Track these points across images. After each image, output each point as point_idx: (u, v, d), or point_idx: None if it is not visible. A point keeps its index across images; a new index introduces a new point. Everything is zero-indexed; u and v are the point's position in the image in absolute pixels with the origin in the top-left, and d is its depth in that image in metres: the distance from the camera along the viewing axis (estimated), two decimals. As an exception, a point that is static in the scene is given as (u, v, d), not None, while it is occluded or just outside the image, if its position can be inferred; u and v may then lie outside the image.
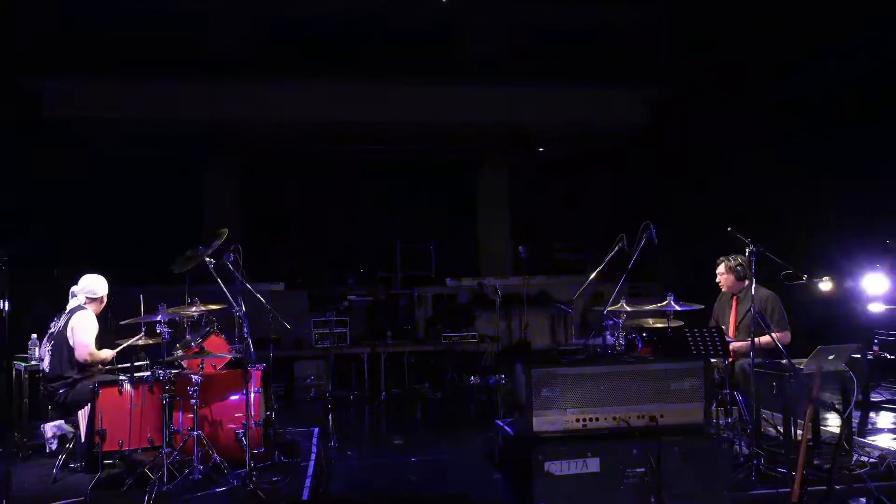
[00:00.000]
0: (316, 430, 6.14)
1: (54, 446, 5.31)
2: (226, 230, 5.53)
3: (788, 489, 3.36)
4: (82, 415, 4.72)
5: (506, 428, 5.92)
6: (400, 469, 5.52)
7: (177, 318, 5.00)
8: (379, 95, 11.66)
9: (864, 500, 3.54)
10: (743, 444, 4.34)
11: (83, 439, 4.66)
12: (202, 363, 4.74)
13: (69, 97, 10.44)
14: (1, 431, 5.27)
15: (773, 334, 4.37)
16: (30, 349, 5.44)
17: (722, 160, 10.97)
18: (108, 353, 5.00)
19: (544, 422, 2.79)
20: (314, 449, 5.42)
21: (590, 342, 5.23)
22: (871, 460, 4.17)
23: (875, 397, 6.87)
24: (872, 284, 7.29)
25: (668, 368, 2.87)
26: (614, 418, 2.83)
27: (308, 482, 4.58)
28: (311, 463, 5.02)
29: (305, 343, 9.39)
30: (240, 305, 4.78)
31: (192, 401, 4.48)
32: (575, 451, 2.69)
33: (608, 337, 5.34)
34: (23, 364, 5.43)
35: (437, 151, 13.77)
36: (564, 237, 14.49)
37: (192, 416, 4.57)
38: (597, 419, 2.82)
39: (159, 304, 4.62)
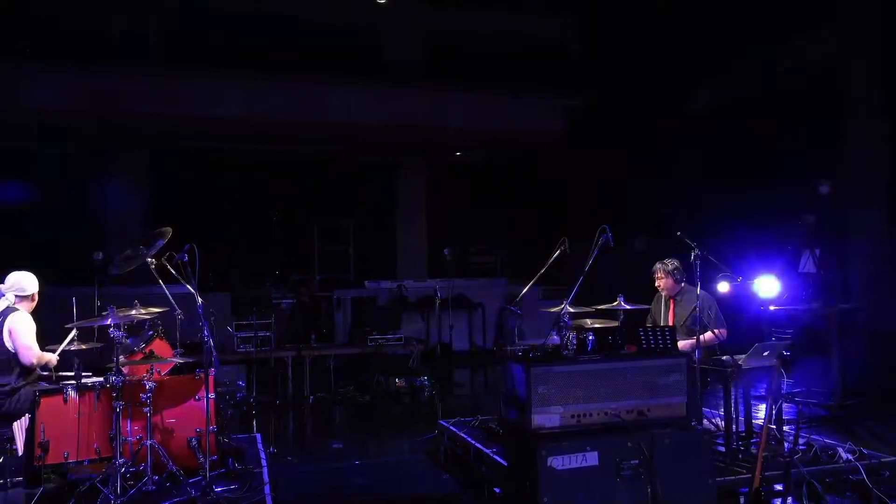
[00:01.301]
0: (258, 436, 5.99)
1: (-27, 462, 4.88)
2: (169, 229, 5.31)
3: (745, 476, 3.66)
4: (18, 426, 4.38)
5: (451, 428, 6.04)
6: (347, 473, 5.52)
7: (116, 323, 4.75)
8: (297, 94, 11.52)
9: (805, 485, 3.86)
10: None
11: (20, 452, 4.33)
12: (151, 368, 4.53)
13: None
14: None
15: (718, 331, 4.74)
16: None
17: (630, 167, 11.59)
18: (52, 357, 4.67)
19: (542, 418, 2.90)
20: (262, 455, 5.28)
21: (548, 342, 5.39)
22: (801, 447, 4.57)
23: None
24: (764, 287, 7.82)
25: (656, 364, 3.05)
26: (606, 413, 2.98)
27: (267, 489, 4.48)
28: (265, 469, 4.90)
29: (227, 347, 9.10)
30: (200, 306, 4.59)
31: (146, 408, 4.27)
32: (575, 446, 2.82)
33: (554, 337, 5.52)
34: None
35: (355, 153, 13.74)
36: (479, 240, 14.81)
37: (142, 424, 4.35)
38: (590, 414, 2.97)
39: (109, 307, 4.38)
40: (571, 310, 5.75)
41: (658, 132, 11.19)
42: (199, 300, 4.55)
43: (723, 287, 5.78)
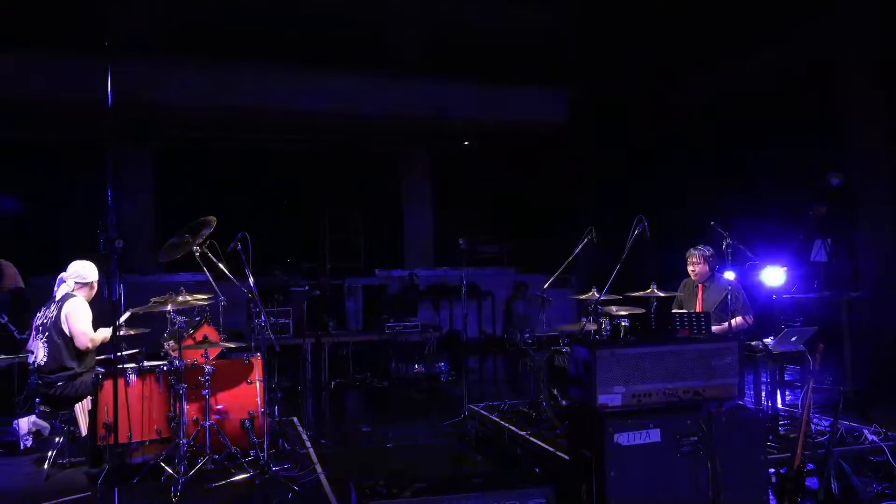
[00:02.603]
0: (294, 418, 6.17)
1: (29, 443, 5.04)
2: (214, 218, 5.45)
3: (777, 457, 3.86)
4: (80, 408, 4.54)
5: (482, 412, 6.24)
6: (382, 455, 5.70)
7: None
8: (303, 84, 11.60)
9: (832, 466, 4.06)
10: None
11: (84, 433, 4.49)
12: (206, 353, 4.69)
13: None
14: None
15: (746, 318, 4.97)
16: (-3, 340, 5.14)
17: (633, 158, 11.78)
18: (104, 333, 4.81)
19: (606, 398, 3.09)
20: (304, 436, 5.46)
21: (581, 329, 5.59)
22: (827, 429, 4.79)
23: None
24: (770, 276, 7.97)
25: (710, 347, 3.25)
26: (665, 393, 3.17)
27: (319, 469, 4.66)
28: (311, 450, 5.08)
29: (246, 334, 9.25)
30: (255, 292, 4.73)
31: (204, 391, 4.44)
32: (640, 424, 3.01)
33: (587, 323, 5.72)
34: (-6, 356, 5.12)
35: (362, 143, 13.84)
36: (485, 230, 14.98)
37: (198, 406, 4.52)
38: (650, 394, 3.16)
39: (169, 293, 4.53)
40: (597, 296, 5.97)
41: (660, 124, 11.37)
42: (254, 287, 4.69)
43: (728, 276, 5.99)
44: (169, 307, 4.46)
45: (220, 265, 5.51)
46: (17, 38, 9.61)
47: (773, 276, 7.78)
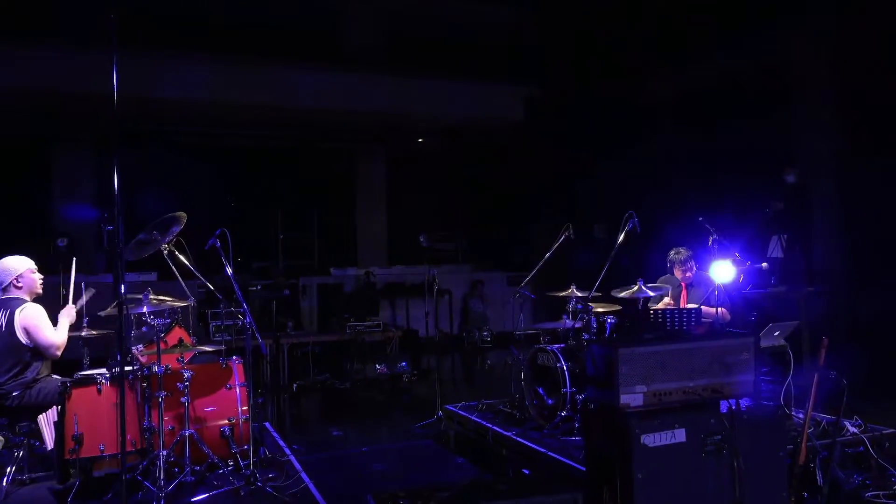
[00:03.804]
0: (267, 424, 5.90)
1: (-20, 458, 4.62)
2: (184, 214, 5.14)
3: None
4: (44, 420, 4.17)
5: (460, 412, 6.12)
6: (360, 460, 5.51)
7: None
8: (258, 78, 11.23)
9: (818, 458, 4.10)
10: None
11: (50, 446, 4.12)
12: (182, 357, 4.40)
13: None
14: None
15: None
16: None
17: (591, 156, 11.88)
18: (63, 334, 4.41)
19: (627, 398, 3.01)
20: (282, 443, 5.22)
21: (562, 326, 5.53)
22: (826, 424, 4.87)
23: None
24: (719, 272, 8.07)
25: (728, 344, 3.21)
26: (685, 391, 3.12)
27: (304, 476, 4.43)
28: (292, 457, 4.84)
29: (201, 337, 8.87)
30: (239, 293, 4.46)
31: (183, 398, 4.15)
32: (665, 423, 2.95)
33: (567, 321, 5.67)
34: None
35: (315, 139, 13.52)
36: (439, 227, 14.88)
37: (174, 413, 4.23)
38: (670, 393, 3.10)
39: (144, 293, 4.21)
40: (579, 294, 5.93)
41: (614, 121, 11.49)
42: (237, 287, 4.43)
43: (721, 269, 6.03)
44: (144, 308, 4.14)
45: (189, 264, 5.22)
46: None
47: (723, 271, 7.81)
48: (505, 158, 13.80)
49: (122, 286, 2.82)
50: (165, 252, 5.00)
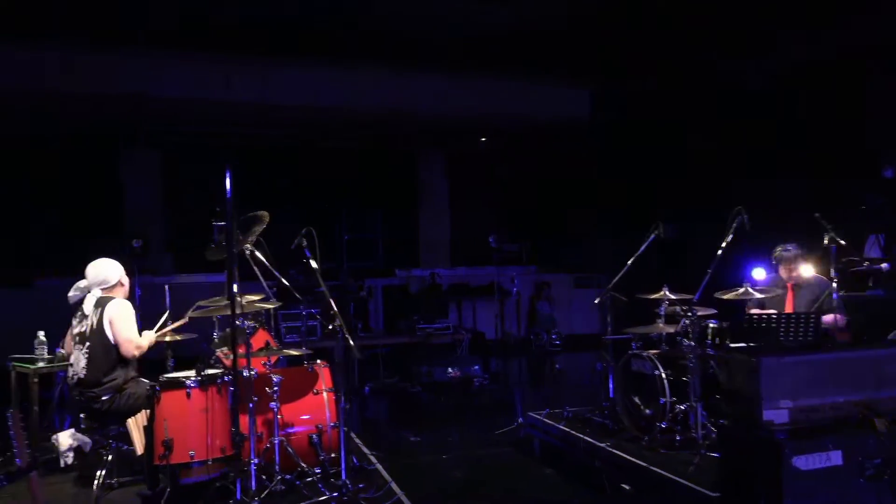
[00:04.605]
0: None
1: (69, 460, 4.57)
2: (266, 214, 5.02)
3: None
4: (134, 424, 4.07)
5: (546, 420, 5.84)
6: (441, 468, 5.31)
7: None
8: (318, 81, 11.14)
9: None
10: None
11: (139, 451, 4.02)
12: (269, 361, 4.25)
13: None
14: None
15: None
16: (36, 349, 4.64)
17: (656, 152, 11.42)
18: (149, 338, 4.34)
19: (771, 413, 2.69)
20: (366, 450, 5.03)
21: (656, 332, 5.20)
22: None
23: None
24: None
25: (885, 354, 2.87)
26: (834, 407, 2.78)
27: (396, 487, 4.23)
28: (378, 466, 4.65)
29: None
30: (324, 290, 4.28)
31: (272, 403, 4.00)
32: (820, 444, 2.62)
33: (661, 325, 5.33)
34: (29, 367, 4.62)
35: (377, 141, 13.41)
36: (502, 228, 14.58)
37: (265, 419, 4.08)
38: (817, 409, 2.77)
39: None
40: (672, 296, 5.57)
41: (685, 117, 10.98)
42: (325, 288, 4.26)
43: (758, 274, 5.60)
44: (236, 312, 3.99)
45: (268, 264, 5.10)
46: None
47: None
48: (570, 157, 13.42)
49: (235, 285, 2.66)
50: (248, 253, 4.88)
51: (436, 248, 14.22)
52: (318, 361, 4.66)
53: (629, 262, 5.82)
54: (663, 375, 4.85)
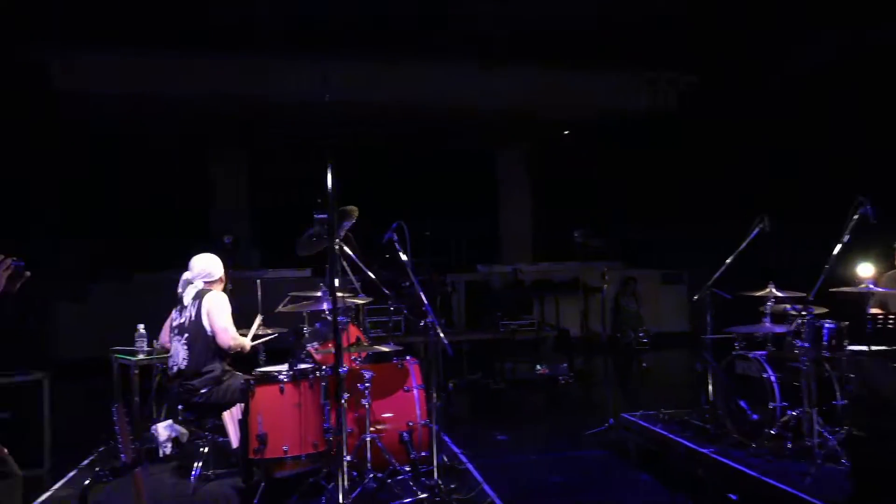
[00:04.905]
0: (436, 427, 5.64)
1: (168, 450, 4.68)
2: (355, 208, 4.99)
3: None
4: (229, 417, 4.12)
5: (641, 423, 5.59)
6: (532, 469, 5.14)
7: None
8: (398, 76, 11.08)
9: None
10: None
11: (235, 444, 4.06)
12: (359, 357, 4.20)
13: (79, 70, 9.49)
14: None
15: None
16: (137, 342, 4.78)
17: (748, 146, 10.80)
18: (245, 341, 4.40)
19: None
20: (456, 449, 4.93)
21: (761, 331, 4.87)
22: None
23: None
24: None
25: None
26: None
27: (488, 489, 4.11)
28: (469, 465, 4.54)
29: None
30: (415, 285, 4.20)
31: (364, 400, 3.94)
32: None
33: (767, 324, 4.99)
34: (131, 358, 4.76)
35: (457, 135, 13.29)
36: (586, 222, 14.19)
37: (356, 416, 4.03)
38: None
39: (322, 290, 4.06)
40: (779, 294, 5.20)
41: (777, 108, 10.31)
42: (416, 283, 4.17)
43: (865, 270, 5.09)
44: (324, 306, 3.97)
45: (357, 259, 5.07)
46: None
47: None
48: (656, 150, 12.92)
49: (335, 280, 2.59)
50: (337, 247, 4.85)
51: (517, 243, 14.02)
52: (408, 358, 4.58)
53: (730, 257, 5.48)
54: (773, 379, 4.53)
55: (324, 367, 4.10)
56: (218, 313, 4.26)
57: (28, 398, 4.66)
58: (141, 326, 4.82)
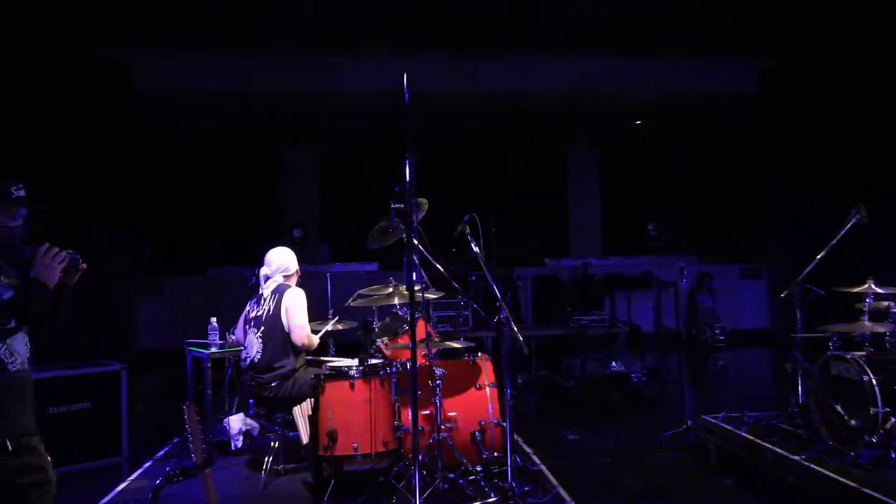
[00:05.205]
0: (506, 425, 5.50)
1: (239, 444, 4.70)
2: (426, 201, 4.88)
3: None
4: (299, 412, 4.09)
5: (724, 426, 5.29)
6: (607, 470, 4.94)
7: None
8: (467, 66, 10.91)
9: None
10: None
11: (304, 440, 4.03)
12: (430, 353, 4.09)
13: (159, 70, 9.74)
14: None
15: None
16: (210, 335, 4.82)
17: (833, 134, 10.15)
18: (315, 339, 4.37)
19: None
20: (528, 449, 4.78)
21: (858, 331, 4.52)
22: None
23: None
24: None
25: None
26: None
27: (561, 491, 3.94)
28: (543, 467, 4.38)
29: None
30: (489, 278, 4.07)
31: (435, 398, 3.84)
32: None
33: (866, 323, 4.62)
34: (204, 351, 4.80)
35: (526, 124, 13.03)
36: (657, 216, 13.73)
37: (427, 415, 3.93)
38: None
39: (393, 285, 3.96)
40: (879, 290, 4.82)
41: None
42: (489, 277, 4.03)
43: None
44: (396, 300, 3.88)
45: (427, 253, 4.95)
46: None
47: None
48: (733, 138, 12.35)
49: (414, 274, 2.49)
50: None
51: (586, 236, 13.71)
52: (480, 354, 4.44)
53: (823, 251, 5.11)
54: (874, 382, 4.18)
55: (394, 362, 4.01)
56: (297, 311, 4.25)
57: (107, 388, 4.75)
58: (213, 320, 4.85)
